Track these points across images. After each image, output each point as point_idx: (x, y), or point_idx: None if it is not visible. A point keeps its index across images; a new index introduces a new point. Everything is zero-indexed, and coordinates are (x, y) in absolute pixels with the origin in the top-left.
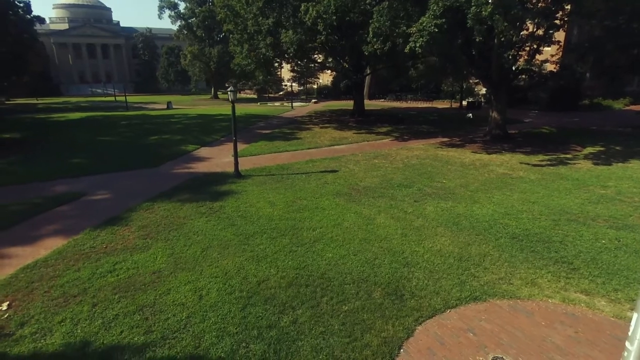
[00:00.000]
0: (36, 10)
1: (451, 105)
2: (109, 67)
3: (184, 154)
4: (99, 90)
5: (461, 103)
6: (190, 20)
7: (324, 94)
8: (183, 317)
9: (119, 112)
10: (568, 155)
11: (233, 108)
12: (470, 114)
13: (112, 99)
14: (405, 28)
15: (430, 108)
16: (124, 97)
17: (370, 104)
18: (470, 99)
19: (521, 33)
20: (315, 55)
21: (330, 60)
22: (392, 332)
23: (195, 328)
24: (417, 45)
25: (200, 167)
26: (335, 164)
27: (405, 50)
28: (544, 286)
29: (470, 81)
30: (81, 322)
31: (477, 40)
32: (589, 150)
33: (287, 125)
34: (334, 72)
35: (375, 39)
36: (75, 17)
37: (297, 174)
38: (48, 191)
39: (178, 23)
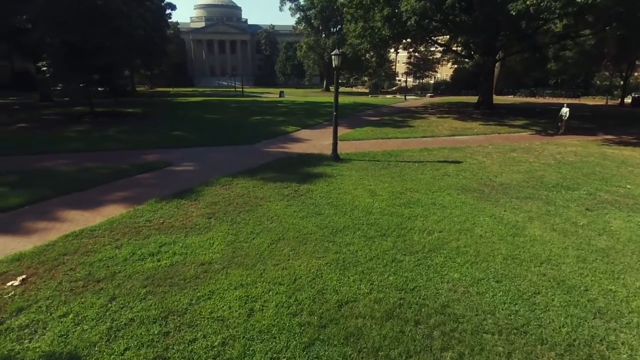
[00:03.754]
0: (180, 11)
1: (607, 102)
2: (235, 62)
3: (282, 134)
4: (224, 83)
5: (622, 99)
6: (309, 13)
7: (441, 89)
8: (216, 343)
9: (233, 98)
10: None
11: (336, 76)
12: None
13: (233, 89)
14: None
15: (578, 104)
16: (242, 88)
17: (497, 99)
18: (636, 94)
19: None
20: (438, 37)
21: (459, 39)
22: None
23: None
24: None
25: (295, 148)
26: (458, 155)
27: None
28: None
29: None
30: (84, 323)
31: None
32: None
33: (399, 113)
34: (455, 65)
35: None
36: (211, 16)
37: (408, 162)
38: (138, 159)
39: (297, 15)
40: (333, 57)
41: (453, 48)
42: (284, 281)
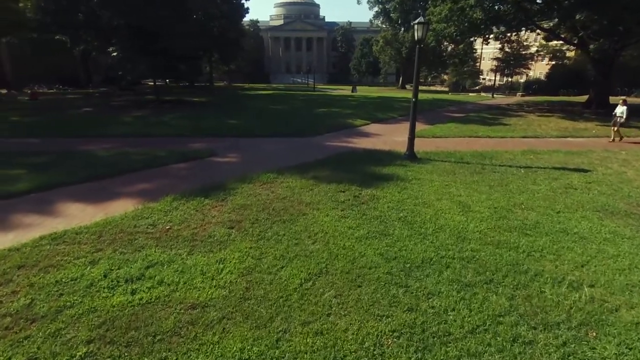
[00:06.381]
0: (259, 9)
1: None
2: (310, 59)
3: (348, 127)
4: (298, 80)
5: None
6: (387, 6)
7: (533, 88)
8: None
9: (303, 92)
10: None
11: (418, 52)
12: None
13: (306, 85)
14: None
15: None
16: (313, 84)
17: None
18: None
19: None
20: (541, 22)
21: (577, 16)
22: None
23: None
24: None
25: (361, 143)
26: (580, 161)
27: None
28: None
29: None
30: None
31: None
32: None
33: (487, 110)
34: (551, 62)
35: None
36: (290, 14)
37: (510, 166)
38: (182, 146)
39: (375, 9)
40: (416, 26)
41: (561, 35)
42: None
